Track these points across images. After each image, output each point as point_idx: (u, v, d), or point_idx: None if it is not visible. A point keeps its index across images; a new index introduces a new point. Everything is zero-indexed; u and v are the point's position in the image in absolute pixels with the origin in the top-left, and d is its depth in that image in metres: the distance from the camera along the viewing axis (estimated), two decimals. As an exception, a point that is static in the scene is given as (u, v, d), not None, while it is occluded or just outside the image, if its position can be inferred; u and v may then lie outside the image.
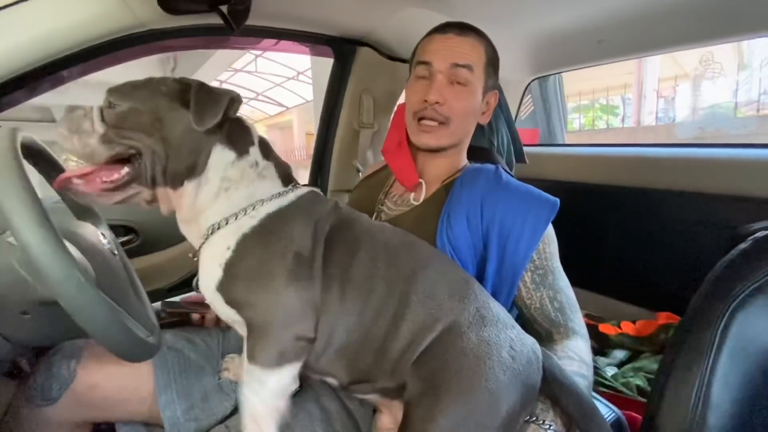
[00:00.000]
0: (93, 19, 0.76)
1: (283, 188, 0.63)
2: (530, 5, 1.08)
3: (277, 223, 0.59)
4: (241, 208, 0.59)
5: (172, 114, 0.57)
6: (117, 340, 0.51)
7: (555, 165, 1.47)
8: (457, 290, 0.60)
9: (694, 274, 1.08)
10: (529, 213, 0.72)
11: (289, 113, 15.20)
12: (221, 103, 0.57)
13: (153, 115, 0.57)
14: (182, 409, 0.72)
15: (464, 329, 0.56)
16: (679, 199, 1.13)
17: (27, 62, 0.74)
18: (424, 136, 0.78)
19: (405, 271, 0.60)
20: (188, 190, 0.60)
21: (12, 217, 0.44)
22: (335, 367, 0.60)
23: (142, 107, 0.57)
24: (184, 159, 0.58)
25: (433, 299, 0.59)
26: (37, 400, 0.67)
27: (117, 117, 0.56)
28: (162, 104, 0.57)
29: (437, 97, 0.74)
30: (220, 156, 0.60)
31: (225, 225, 0.59)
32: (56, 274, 0.45)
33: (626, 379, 0.92)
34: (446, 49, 0.76)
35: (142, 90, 0.58)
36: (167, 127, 0.57)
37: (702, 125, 5.88)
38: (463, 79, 0.75)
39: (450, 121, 0.76)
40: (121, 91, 0.58)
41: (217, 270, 0.57)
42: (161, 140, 0.57)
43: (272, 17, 0.98)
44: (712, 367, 0.49)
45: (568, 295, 0.72)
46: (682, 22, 1.04)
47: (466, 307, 0.58)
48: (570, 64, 1.40)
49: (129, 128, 0.56)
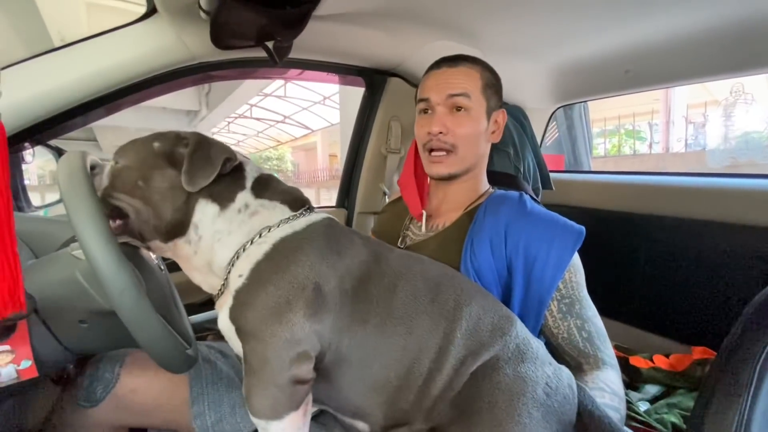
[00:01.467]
0: (153, 54, 0.84)
1: (291, 213, 0.62)
2: (555, 36, 1.11)
3: (292, 247, 0.57)
4: (248, 239, 0.59)
5: (157, 174, 0.59)
6: (164, 351, 0.54)
7: (581, 192, 1.46)
8: (499, 327, 0.60)
9: (729, 306, 1.05)
10: (554, 241, 0.72)
11: (314, 135, 15.65)
12: (215, 166, 0.57)
13: (139, 174, 0.59)
14: (212, 420, 0.74)
15: (502, 364, 0.56)
16: (712, 230, 1.10)
17: (92, 91, 0.83)
18: (436, 167, 0.81)
19: (449, 305, 0.59)
20: (181, 245, 0.61)
21: (81, 232, 0.49)
22: (371, 405, 0.58)
23: (132, 166, 0.59)
24: (169, 218, 0.59)
25: (476, 336, 0.58)
26: (82, 401, 0.71)
27: (113, 175, 0.60)
28: (148, 163, 0.59)
29: (439, 127, 0.78)
30: (204, 212, 0.60)
31: (237, 260, 0.59)
32: (117, 286, 0.49)
33: (660, 415, 0.88)
34: (441, 82, 0.79)
35: (135, 148, 0.61)
36: (151, 187, 0.58)
37: (734, 154, 5.70)
38: (462, 106, 0.78)
39: (456, 148, 0.79)
40: (123, 149, 0.61)
41: (228, 299, 0.56)
42: (143, 200, 0.58)
43: (310, 50, 1.05)
44: (751, 404, 0.48)
45: (596, 324, 0.71)
46: (710, 54, 1.04)
47: (506, 344, 0.58)
48: (595, 93, 1.42)
49: (119, 187, 0.59)
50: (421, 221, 0.86)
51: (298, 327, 0.53)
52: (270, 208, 0.62)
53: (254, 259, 0.56)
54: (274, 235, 0.59)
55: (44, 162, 5.59)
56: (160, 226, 0.59)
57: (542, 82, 1.37)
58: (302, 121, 13.40)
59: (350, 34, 1.03)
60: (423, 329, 0.57)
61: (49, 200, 1.63)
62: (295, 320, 0.52)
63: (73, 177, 0.53)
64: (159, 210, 0.59)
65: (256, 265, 0.56)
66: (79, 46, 0.80)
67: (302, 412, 0.54)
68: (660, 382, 1.02)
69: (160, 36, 0.84)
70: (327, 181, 14.18)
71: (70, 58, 0.79)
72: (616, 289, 1.30)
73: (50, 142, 1.32)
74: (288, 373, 0.52)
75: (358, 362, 0.56)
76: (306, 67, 1.12)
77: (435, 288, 0.61)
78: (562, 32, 1.09)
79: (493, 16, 1.01)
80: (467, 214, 0.82)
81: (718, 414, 0.50)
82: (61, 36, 0.69)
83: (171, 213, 0.59)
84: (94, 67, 0.81)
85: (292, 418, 0.53)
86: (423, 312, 0.58)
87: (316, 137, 15.82)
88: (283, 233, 0.59)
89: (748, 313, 0.54)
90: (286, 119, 13.26)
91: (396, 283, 0.60)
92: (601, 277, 0.88)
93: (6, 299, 0.42)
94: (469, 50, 0.93)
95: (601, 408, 0.58)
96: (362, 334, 0.56)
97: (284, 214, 0.62)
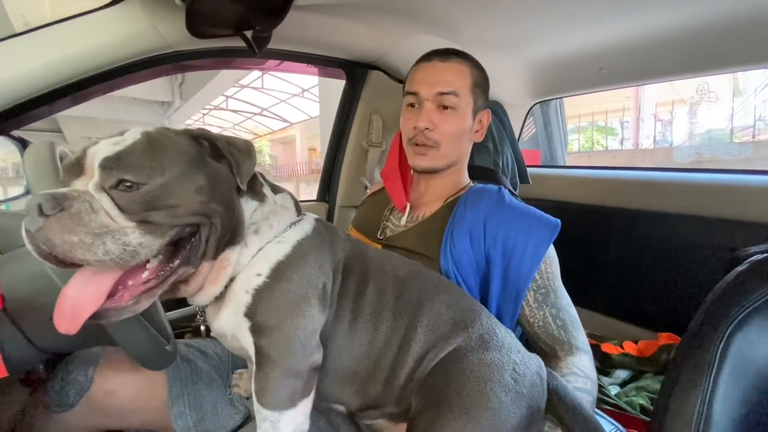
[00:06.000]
0: (124, 41, 0.80)
1: (296, 216, 0.63)
2: (534, 33, 1.14)
3: (307, 249, 0.59)
4: (273, 237, 0.59)
5: (215, 174, 0.52)
6: (142, 348, 0.53)
7: (556, 186, 1.50)
8: (462, 319, 0.62)
9: (692, 294, 1.11)
10: (531, 234, 0.75)
11: (293, 129, 15.40)
12: (254, 155, 0.55)
13: (195, 183, 0.49)
14: (194, 420, 0.73)
15: (465, 352, 0.58)
16: (678, 222, 1.16)
17: (59, 79, 0.78)
18: (419, 159, 0.82)
19: (412, 303, 0.62)
20: (227, 256, 0.55)
21: None
22: (344, 393, 0.62)
23: (179, 177, 0.48)
24: (233, 219, 0.54)
25: (438, 330, 0.60)
26: (54, 406, 0.68)
27: (148, 197, 0.45)
28: (199, 167, 0.50)
29: (426, 123, 0.79)
30: (248, 208, 0.58)
31: (251, 258, 0.57)
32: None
33: (629, 398, 0.93)
34: (431, 77, 0.80)
35: (166, 158, 0.48)
36: (217, 191, 0.51)
37: (699, 150, 6.01)
38: (450, 104, 0.79)
39: (440, 144, 0.80)
40: (139, 167, 0.46)
41: (244, 297, 0.55)
42: (217, 205, 0.51)
43: (290, 41, 1.03)
44: (713, 385, 0.51)
45: (570, 313, 0.74)
46: (680, 53, 1.09)
47: (469, 335, 0.60)
48: (571, 90, 1.46)
49: (171, 205, 0.47)
50: (404, 213, 0.86)
51: (316, 319, 0.56)
52: (285, 205, 0.63)
53: (274, 258, 0.57)
54: (292, 236, 0.60)
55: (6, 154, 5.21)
56: (225, 234, 0.53)
57: (521, 78, 1.40)
58: (280, 113, 13.17)
59: (331, 25, 1.02)
60: (387, 326, 0.60)
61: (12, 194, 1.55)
62: (313, 313, 0.56)
63: (42, 169, 0.50)
64: (229, 213, 0.53)
65: (277, 265, 0.56)
66: (44, 31, 0.76)
67: (311, 398, 0.57)
68: (629, 367, 1.08)
69: (132, 22, 0.80)
70: (306, 175, 14.03)
71: (34, 44, 0.75)
72: (588, 279, 1.35)
73: (13, 133, 1.25)
74: (310, 359, 0.55)
75: (331, 354, 0.59)
76: (286, 58, 1.10)
77: (401, 286, 0.63)
78: (541, 29, 1.11)
79: (473, 11, 1.02)
80: (447, 205, 0.83)
81: (683, 395, 0.53)
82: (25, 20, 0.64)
83: (237, 215, 0.55)
84: (60, 53, 0.76)
85: (304, 405, 0.55)
86: (388, 309, 0.61)
87: (294, 130, 15.58)
88: (298, 235, 0.60)
89: (710, 301, 0.57)
90: (264, 111, 12.99)
91: (368, 280, 0.63)
92: (574, 268, 0.92)
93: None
94: (449, 44, 0.94)
95: (571, 392, 0.60)
96: (338, 328, 0.59)
97: (293, 213, 0.63)
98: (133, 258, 0.44)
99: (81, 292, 0.45)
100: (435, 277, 0.68)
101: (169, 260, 0.50)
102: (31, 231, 0.41)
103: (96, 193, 0.44)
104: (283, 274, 0.56)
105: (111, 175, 0.45)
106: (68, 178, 0.47)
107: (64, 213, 0.42)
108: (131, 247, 0.44)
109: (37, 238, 0.41)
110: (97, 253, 0.42)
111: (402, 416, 0.61)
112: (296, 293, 0.55)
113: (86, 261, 0.42)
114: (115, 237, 0.43)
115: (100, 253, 0.42)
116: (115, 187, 0.45)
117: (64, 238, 0.41)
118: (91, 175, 0.46)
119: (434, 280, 0.67)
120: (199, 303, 0.58)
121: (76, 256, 0.42)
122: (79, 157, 0.47)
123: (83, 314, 0.44)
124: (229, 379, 0.81)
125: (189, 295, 0.56)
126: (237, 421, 0.77)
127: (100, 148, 0.47)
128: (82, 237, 0.42)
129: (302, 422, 0.55)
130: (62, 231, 0.41)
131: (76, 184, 0.46)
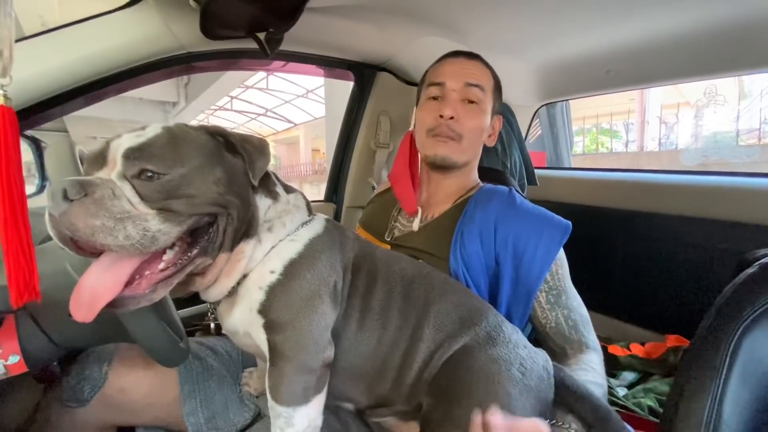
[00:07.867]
0: (139, 42, 0.82)
1: (308, 216, 0.64)
2: (541, 35, 1.14)
3: (319, 248, 0.60)
4: (286, 235, 0.59)
5: (231, 168, 0.53)
6: (158, 343, 0.54)
7: (562, 187, 1.51)
8: (469, 318, 0.62)
9: (700, 297, 1.11)
10: (542, 236, 0.75)
11: (297, 129, 15.44)
12: (268, 153, 0.56)
13: (213, 175, 0.51)
14: (205, 417, 0.74)
15: (473, 349, 0.59)
16: (685, 225, 1.16)
17: (75, 79, 0.80)
18: (440, 146, 0.80)
19: (419, 302, 0.62)
20: (243, 249, 0.56)
21: None
22: (354, 391, 0.62)
23: (198, 168, 0.50)
24: (248, 213, 0.55)
25: (445, 329, 0.61)
26: (69, 402, 0.69)
27: (168, 186, 0.47)
28: (217, 160, 0.52)
29: (452, 111, 0.78)
30: (262, 205, 0.59)
31: (265, 256, 0.58)
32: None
33: (637, 399, 0.93)
34: (459, 70, 0.81)
35: (186, 151, 0.50)
36: (234, 184, 0.53)
37: (706, 153, 5.98)
38: (476, 98, 0.79)
39: (462, 138, 0.80)
40: (161, 158, 0.47)
41: (257, 293, 0.55)
42: (234, 197, 0.52)
43: (301, 43, 1.04)
44: (723, 387, 0.51)
45: (581, 313, 0.75)
46: (686, 57, 1.09)
47: (477, 332, 0.61)
48: (578, 92, 1.46)
49: (190, 195, 0.48)
50: (415, 217, 0.85)
51: (328, 316, 0.57)
52: (298, 205, 0.63)
53: (287, 256, 0.57)
54: (304, 235, 0.60)
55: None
56: (241, 226, 0.54)
57: (528, 80, 1.40)
58: (285, 114, 13.21)
59: (341, 27, 1.02)
60: (395, 325, 0.61)
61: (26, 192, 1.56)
62: (325, 310, 0.56)
63: (63, 164, 0.51)
64: (244, 205, 0.54)
65: (290, 263, 0.57)
66: (61, 32, 0.77)
67: (324, 394, 0.57)
68: (636, 368, 1.07)
69: (147, 23, 0.81)
70: (310, 176, 14.05)
71: (52, 44, 0.76)
72: (595, 281, 1.35)
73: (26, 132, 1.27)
74: (323, 355, 0.55)
75: (340, 352, 0.59)
76: (296, 59, 1.10)
77: (409, 285, 0.64)
78: (548, 32, 1.12)
79: (482, 13, 1.02)
80: (457, 206, 0.83)
81: (693, 397, 0.53)
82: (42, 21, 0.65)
83: (252, 208, 0.55)
84: (77, 54, 0.78)
85: (317, 401, 0.56)
86: (396, 308, 0.62)
87: (298, 131, 15.62)
88: (310, 234, 0.61)
89: (720, 304, 0.57)
90: (268, 112, 13.04)
91: (376, 279, 0.63)
92: (581, 270, 0.92)
93: (21, 289, 0.41)
94: (458, 47, 0.95)
95: (580, 382, 0.61)
96: (347, 326, 0.60)
97: (305, 213, 0.64)
98: (152, 244, 0.45)
99: (99, 279, 0.46)
100: (442, 278, 0.68)
101: (187, 250, 0.51)
102: (54, 215, 0.42)
103: (118, 181, 0.46)
104: (296, 271, 0.56)
105: (133, 164, 0.46)
106: (91, 169, 0.49)
107: (88, 198, 0.43)
108: (151, 233, 0.45)
109: (60, 223, 0.42)
110: (118, 237, 0.43)
111: (411, 414, 0.61)
112: (309, 290, 0.56)
113: (107, 245, 0.43)
114: (136, 222, 0.44)
115: (121, 238, 0.43)
116: (137, 176, 0.46)
117: (88, 221, 0.42)
118: (114, 166, 0.47)
119: (441, 280, 0.67)
120: (212, 298, 0.59)
121: (97, 240, 0.43)
122: (102, 149, 0.49)
123: (100, 302, 0.44)
124: (240, 378, 0.82)
125: (203, 287, 0.57)
126: (247, 419, 0.77)
127: (123, 140, 0.48)
128: (105, 221, 0.43)
129: (315, 418, 0.56)
130: (86, 215, 0.42)
131: (99, 174, 0.48)
